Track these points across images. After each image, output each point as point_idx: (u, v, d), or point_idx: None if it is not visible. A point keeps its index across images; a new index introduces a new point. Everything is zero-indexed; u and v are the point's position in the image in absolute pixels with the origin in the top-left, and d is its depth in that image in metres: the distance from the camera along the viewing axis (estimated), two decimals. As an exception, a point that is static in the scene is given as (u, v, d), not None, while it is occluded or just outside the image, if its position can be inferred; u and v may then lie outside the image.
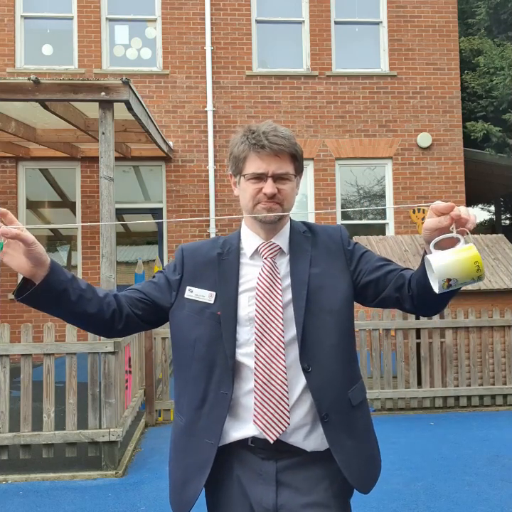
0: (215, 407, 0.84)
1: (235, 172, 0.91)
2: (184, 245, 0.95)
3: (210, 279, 0.88)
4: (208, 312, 0.86)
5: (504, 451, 2.62)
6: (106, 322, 0.85)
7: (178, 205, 5.43)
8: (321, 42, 5.60)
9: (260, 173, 0.86)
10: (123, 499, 2.17)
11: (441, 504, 2.07)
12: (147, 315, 0.90)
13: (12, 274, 5.26)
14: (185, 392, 0.88)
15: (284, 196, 0.87)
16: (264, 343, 0.84)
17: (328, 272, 0.89)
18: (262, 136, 0.85)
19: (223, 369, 0.84)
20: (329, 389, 0.85)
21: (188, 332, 0.87)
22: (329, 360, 0.86)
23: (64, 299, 0.79)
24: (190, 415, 0.87)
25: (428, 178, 5.59)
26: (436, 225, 0.73)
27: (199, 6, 5.48)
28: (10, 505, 2.14)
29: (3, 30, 5.35)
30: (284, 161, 0.86)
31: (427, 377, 3.28)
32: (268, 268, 0.88)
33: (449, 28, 5.69)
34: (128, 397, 2.91)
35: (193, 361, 0.86)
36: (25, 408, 2.42)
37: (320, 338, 0.85)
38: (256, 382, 0.84)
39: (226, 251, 0.91)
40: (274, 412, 0.83)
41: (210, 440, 0.84)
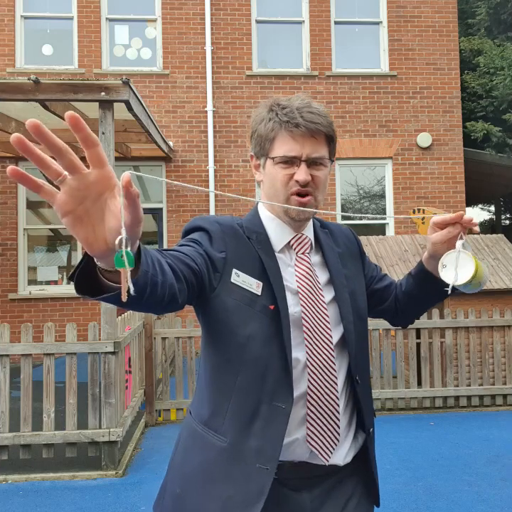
0: (270, 424, 0.70)
1: (259, 153, 0.77)
2: (214, 218, 0.76)
3: (254, 266, 0.73)
4: (260, 305, 0.71)
5: (504, 451, 2.62)
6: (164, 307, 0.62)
7: (178, 205, 5.43)
8: (321, 42, 5.60)
9: (293, 156, 0.73)
10: (123, 499, 2.17)
11: (441, 504, 2.07)
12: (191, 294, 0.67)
13: (12, 274, 5.26)
14: (227, 405, 0.71)
15: (317, 184, 0.74)
16: (314, 348, 0.73)
17: (356, 275, 0.83)
18: (296, 113, 0.72)
19: (279, 376, 0.70)
20: (370, 401, 0.80)
21: (239, 326, 0.70)
22: (367, 370, 0.81)
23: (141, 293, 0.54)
24: (236, 435, 0.70)
25: (428, 178, 5.59)
26: (447, 236, 0.72)
27: (199, 6, 5.48)
28: (10, 505, 2.13)
29: (3, 30, 5.35)
30: (320, 143, 0.74)
31: (427, 377, 3.28)
32: (306, 263, 0.77)
33: (449, 28, 5.69)
34: (128, 397, 2.90)
35: (242, 364, 0.70)
36: (25, 408, 2.42)
37: (361, 346, 0.79)
38: (310, 390, 0.72)
39: (255, 239, 0.76)
40: (327, 429, 0.72)
41: (264, 465, 0.69)
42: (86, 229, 0.44)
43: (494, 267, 3.60)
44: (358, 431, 0.79)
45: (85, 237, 0.45)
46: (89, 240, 0.45)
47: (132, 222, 0.44)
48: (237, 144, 5.46)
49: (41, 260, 5.38)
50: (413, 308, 0.86)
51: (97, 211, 0.44)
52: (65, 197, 0.43)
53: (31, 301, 5.14)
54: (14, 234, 5.26)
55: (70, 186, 0.43)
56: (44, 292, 5.19)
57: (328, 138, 0.75)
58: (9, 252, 5.24)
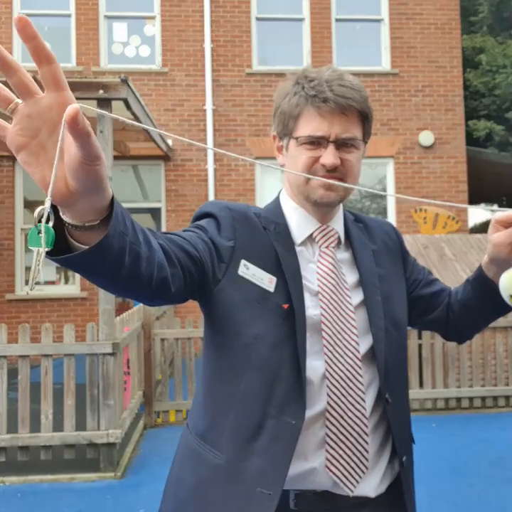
0: (276, 442, 0.60)
1: (282, 133, 0.67)
2: (224, 203, 0.66)
3: (267, 259, 0.63)
4: (272, 302, 0.62)
5: (506, 453, 2.60)
6: (153, 292, 0.53)
7: (177, 205, 5.40)
8: (322, 40, 5.55)
9: (319, 136, 0.63)
10: (122, 501, 2.15)
11: (442, 506, 2.05)
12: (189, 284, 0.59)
13: (9, 275, 5.24)
14: (227, 417, 0.62)
15: (348, 169, 0.64)
16: (335, 357, 0.63)
17: (393, 276, 0.71)
18: (325, 86, 0.62)
19: (290, 386, 0.60)
20: (405, 426, 0.68)
21: (246, 325, 0.61)
22: (403, 389, 0.69)
23: (117, 262, 0.45)
24: (236, 451, 0.61)
25: (430, 177, 5.55)
26: (510, 237, 0.60)
27: (198, 3, 5.44)
28: (8, 507, 2.12)
29: (1, 27, 5.31)
30: (351, 122, 0.64)
31: (429, 378, 3.26)
32: (331, 260, 0.67)
33: (452, 25, 5.64)
34: (127, 398, 2.89)
35: (247, 369, 0.61)
36: (22, 410, 2.40)
37: (395, 359, 0.67)
38: (330, 407, 0.61)
39: (273, 230, 0.66)
40: (352, 454, 0.61)
41: (267, 490, 0.59)
42: (43, 167, 0.37)
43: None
44: (394, 456, 0.68)
45: (42, 177, 0.37)
46: (46, 180, 0.37)
47: (84, 160, 0.35)
48: (236, 142, 5.42)
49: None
50: (469, 321, 0.73)
51: (54, 146, 0.36)
52: (16, 128, 0.36)
53: (29, 302, 5.12)
54: (11, 234, 5.24)
55: (21, 115, 0.36)
56: (42, 293, 5.16)
57: (362, 115, 0.66)
58: (6, 252, 5.22)
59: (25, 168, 0.38)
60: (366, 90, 0.68)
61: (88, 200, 0.39)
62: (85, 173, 0.36)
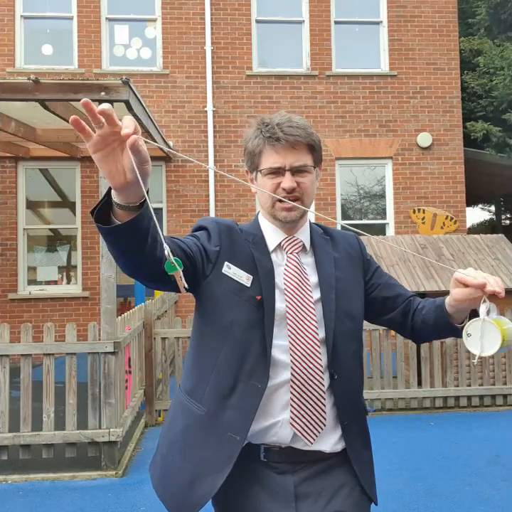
0: (245, 399, 0.77)
1: (250, 168, 0.87)
2: (213, 218, 0.87)
3: (246, 262, 0.82)
4: (248, 294, 0.80)
5: (504, 452, 2.62)
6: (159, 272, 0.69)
7: (178, 205, 5.43)
8: (321, 42, 5.59)
9: (277, 167, 0.81)
10: (123, 499, 2.17)
11: (441, 504, 2.07)
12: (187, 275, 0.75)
13: (12, 274, 5.26)
14: (208, 379, 0.80)
15: (303, 190, 0.83)
16: (298, 340, 0.80)
17: (351, 278, 0.88)
18: (276, 128, 0.81)
19: (257, 358, 0.78)
20: (350, 397, 0.84)
21: (224, 311, 0.79)
22: (351, 368, 0.84)
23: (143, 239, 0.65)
24: (214, 405, 0.79)
25: (428, 178, 5.59)
26: (468, 296, 0.75)
27: (199, 6, 5.48)
28: (10, 505, 2.13)
29: (3, 30, 5.34)
30: (301, 153, 0.82)
31: (427, 377, 3.28)
32: (295, 263, 0.84)
33: (449, 27, 5.69)
34: (128, 397, 2.90)
35: (224, 345, 0.79)
36: (25, 408, 2.42)
37: (345, 344, 0.83)
38: (294, 377, 0.78)
39: (251, 240, 0.85)
40: (311, 413, 0.78)
41: (235, 435, 0.76)
42: (110, 164, 0.60)
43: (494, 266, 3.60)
44: None
45: (109, 170, 0.60)
46: (112, 172, 0.60)
47: (139, 163, 0.59)
48: (237, 143, 5.46)
49: (41, 260, 5.38)
50: (427, 333, 0.89)
51: (118, 153, 0.60)
52: (98, 138, 0.59)
53: (31, 301, 5.14)
54: (14, 234, 5.26)
55: (103, 131, 0.59)
56: (44, 292, 5.18)
57: (309, 147, 0.83)
58: (9, 252, 5.24)
59: (98, 164, 0.60)
60: (311, 126, 0.85)
61: (135, 188, 0.61)
62: (139, 170, 0.60)
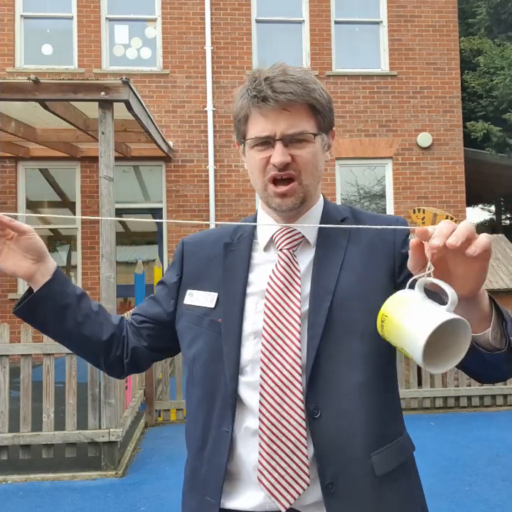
0: (216, 451, 0.62)
1: (238, 138, 0.67)
2: (187, 238, 0.73)
3: (213, 278, 0.67)
4: (208, 320, 0.65)
5: (504, 452, 2.62)
6: (117, 357, 0.70)
7: (178, 205, 5.43)
8: (321, 42, 5.59)
9: (265, 136, 0.61)
10: (123, 499, 2.17)
11: (441, 504, 2.07)
12: (156, 342, 0.71)
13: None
14: (189, 429, 0.68)
15: (301, 165, 0.61)
16: (272, 367, 0.60)
17: (367, 280, 0.62)
18: (263, 85, 0.60)
19: (225, 398, 0.62)
20: (342, 446, 0.59)
21: (186, 348, 0.67)
22: (349, 405, 0.59)
23: (68, 316, 0.65)
24: (193, 461, 0.66)
25: (428, 178, 5.59)
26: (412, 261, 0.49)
27: (199, 6, 5.48)
28: (10, 505, 2.13)
29: (3, 29, 5.34)
30: (298, 116, 0.61)
31: (427, 377, 3.28)
32: (284, 264, 0.63)
33: (450, 27, 5.68)
34: (128, 397, 2.90)
35: (193, 386, 0.66)
36: (24, 408, 2.42)
37: (340, 371, 0.60)
38: (261, 421, 0.59)
39: (236, 240, 0.68)
40: (287, 467, 0.58)
41: (211, 498, 0.61)
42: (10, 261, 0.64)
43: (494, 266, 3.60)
44: None
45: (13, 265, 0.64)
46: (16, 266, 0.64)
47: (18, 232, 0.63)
48: (237, 143, 5.45)
49: (41, 260, 5.37)
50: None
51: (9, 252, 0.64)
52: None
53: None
54: (14, 234, 5.25)
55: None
56: (44, 292, 5.17)
57: (310, 108, 0.62)
58: (9, 252, 5.22)
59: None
60: (315, 81, 0.64)
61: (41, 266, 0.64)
62: (28, 244, 0.62)
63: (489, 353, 0.53)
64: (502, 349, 0.53)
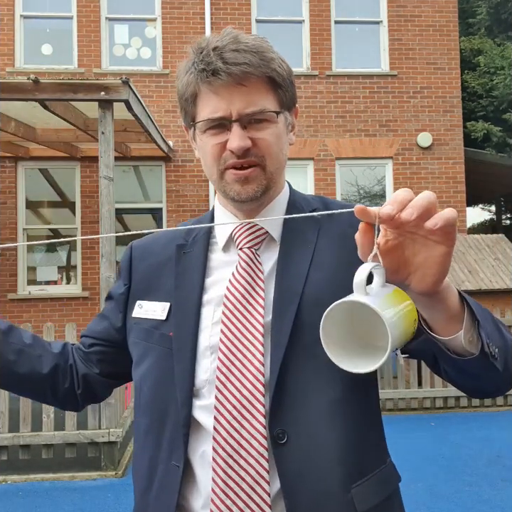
0: (164, 490, 0.53)
1: (186, 122, 0.57)
2: (135, 242, 0.64)
3: (166, 286, 0.58)
4: (158, 334, 0.55)
5: (505, 452, 2.62)
6: (67, 388, 0.60)
7: (178, 205, 5.43)
8: (321, 41, 5.59)
9: (219, 117, 0.51)
10: (122, 499, 2.17)
11: (441, 504, 2.07)
12: (109, 366, 0.61)
13: (12, 275, 5.25)
14: (135, 465, 0.58)
15: (264, 149, 0.52)
16: (230, 387, 0.51)
17: (339, 278, 0.51)
18: (212, 55, 0.50)
19: (175, 424, 0.52)
20: (314, 478, 0.49)
21: (134, 368, 0.58)
22: (321, 426, 0.50)
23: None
24: (138, 503, 0.56)
25: (428, 178, 5.59)
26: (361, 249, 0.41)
27: (199, 6, 5.47)
28: (10, 505, 2.13)
29: (3, 29, 5.34)
30: (256, 92, 0.51)
31: (428, 377, 3.28)
32: (245, 265, 0.55)
33: (450, 27, 5.68)
34: (128, 397, 2.90)
35: (139, 412, 0.57)
36: (24, 408, 2.42)
37: (310, 387, 0.51)
38: (215, 451, 0.50)
39: (191, 241, 0.59)
40: (245, 507, 0.49)
41: None
42: None
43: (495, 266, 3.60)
44: None
45: None
46: None
47: None
48: (237, 143, 5.45)
49: (41, 260, 5.38)
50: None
51: None
52: None
53: (31, 301, 5.14)
54: (14, 234, 5.25)
55: None
56: (43, 292, 5.18)
57: (269, 81, 0.52)
58: (8, 252, 5.23)
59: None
60: (273, 49, 0.53)
61: None
62: None
63: (462, 360, 0.45)
64: (474, 354, 0.44)
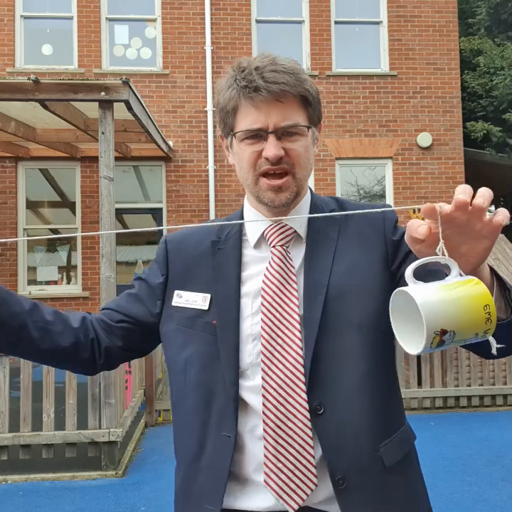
0: (216, 457, 0.60)
1: (224, 131, 0.65)
2: (169, 236, 0.70)
3: (203, 278, 0.64)
4: (202, 322, 0.62)
5: (504, 452, 2.62)
6: (86, 359, 0.66)
7: (178, 205, 5.43)
8: (321, 42, 5.59)
9: (257, 128, 0.60)
10: (123, 499, 2.17)
11: (441, 504, 2.07)
12: (132, 342, 0.68)
13: (12, 274, 5.26)
14: (181, 437, 0.65)
15: (294, 159, 0.60)
16: (275, 369, 0.59)
17: (359, 271, 0.62)
18: (254, 74, 0.59)
19: (224, 401, 0.60)
20: (349, 440, 0.58)
21: (177, 352, 0.63)
22: (352, 398, 0.59)
23: (23, 336, 0.60)
24: (187, 470, 0.63)
25: (428, 178, 5.59)
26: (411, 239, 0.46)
27: (199, 6, 5.48)
28: (10, 505, 2.13)
29: (3, 30, 5.34)
30: (290, 108, 0.60)
31: (427, 377, 3.28)
32: (278, 260, 0.62)
33: (449, 27, 5.68)
34: (128, 397, 2.91)
35: (186, 391, 0.63)
36: (24, 408, 2.42)
37: (340, 365, 0.59)
38: (265, 423, 0.58)
39: (224, 237, 0.66)
40: (294, 467, 0.57)
41: (210, 506, 0.60)
42: None
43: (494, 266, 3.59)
44: None
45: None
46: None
47: None
48: (237, 143, 5.46)
49: (41, 260, 5.38)
50: None
51: None
52: None
53: (31, 301, 5.14)
54: (14, 234, 5.26)
55: None
56: (44, 292, 5.18)
57: (302, 100, 0.61)
58: (9, 252, 5.24)
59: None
60: (304, 71, 0.63)
61: None
62: None
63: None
64: (506, 319, 0.51)
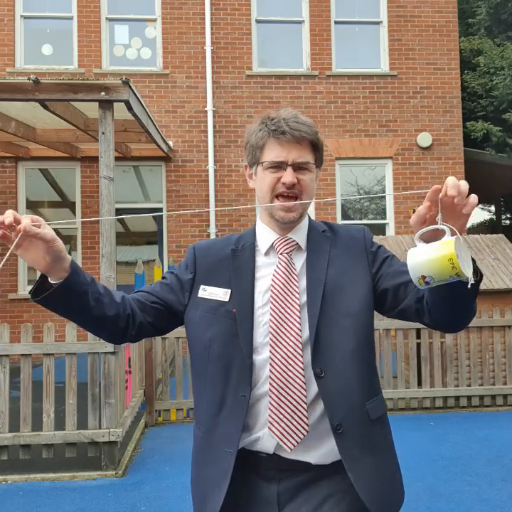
0: (234, 412, 0.80)
1: (251, 162, 0.87)
2: (196, 244, 0.92)
3: (224, 277, 0.85)
4: (223, 310, 0.83)
5: (504, 452, 2.62)
6: (120, 328, 0.83)
7: (178, 205, 5.43)
8: (321, 42, 5.60)
9: (280, 161, 0.82)
10: (123, 499, 2.17)
11: (441, 504, 2.07)
12: (160, 321, 0.87)
13: (12, 274, 5.26)
14: (203, 399, 0.84)
15: (303, 187, 0.83)
16: (279, 346, 0.80)
17: (348, 272, 0.85)
18: (282, 122, 0.83)
19: (241, 369, 0.80)
20: (344, 397, 0.79)
21: (202, 332, 0.84)
22: (345, 366, 0.80)
23: (84, 302, 0.76)
24: (209, 423, 0.83)
25: (428, 178, 5.59)
26: (417, 218, 0.67)
27: (199, 6, 5.48)
28: (10, 505, 2.13)
29: (3, 30, 5.34)
30: (304, 149, 0.83)
31: (427, 377, 3.28)
32: (284, 264, 0.84)
33: (449, 27, 5.69)
34: (128, 397, 2.91)
35: (208, 363, 0.83)
36: (24, 408, 2.42)
37: (335, 341, 0.81)
38: (271, 385, 0.79)
39: (241, 247, 0.88)
40: (291, 417, 0.78)
41: (229, 449, 0.79)
42: (31, 254, 0.72)
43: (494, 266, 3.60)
44: None
45: (31, 259, 0.72)
46: (34, 261, 0.72)
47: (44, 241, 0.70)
48: (237, 143, 5.46)
49: (41, 260, 5.37)
50: (440, 307, 0.75)
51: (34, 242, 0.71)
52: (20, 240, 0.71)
53: (31, 301, 5.11)
54: (14, 234, 5.25)
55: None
56: (44, 292, 5.18)
57: (313, 145, 0.85)
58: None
59: (21, 256, 0.73)
60: (316, 127, 0.87)
61: (58, 264, 0.73)
62: (51, 251, 0.71)
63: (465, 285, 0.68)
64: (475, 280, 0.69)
